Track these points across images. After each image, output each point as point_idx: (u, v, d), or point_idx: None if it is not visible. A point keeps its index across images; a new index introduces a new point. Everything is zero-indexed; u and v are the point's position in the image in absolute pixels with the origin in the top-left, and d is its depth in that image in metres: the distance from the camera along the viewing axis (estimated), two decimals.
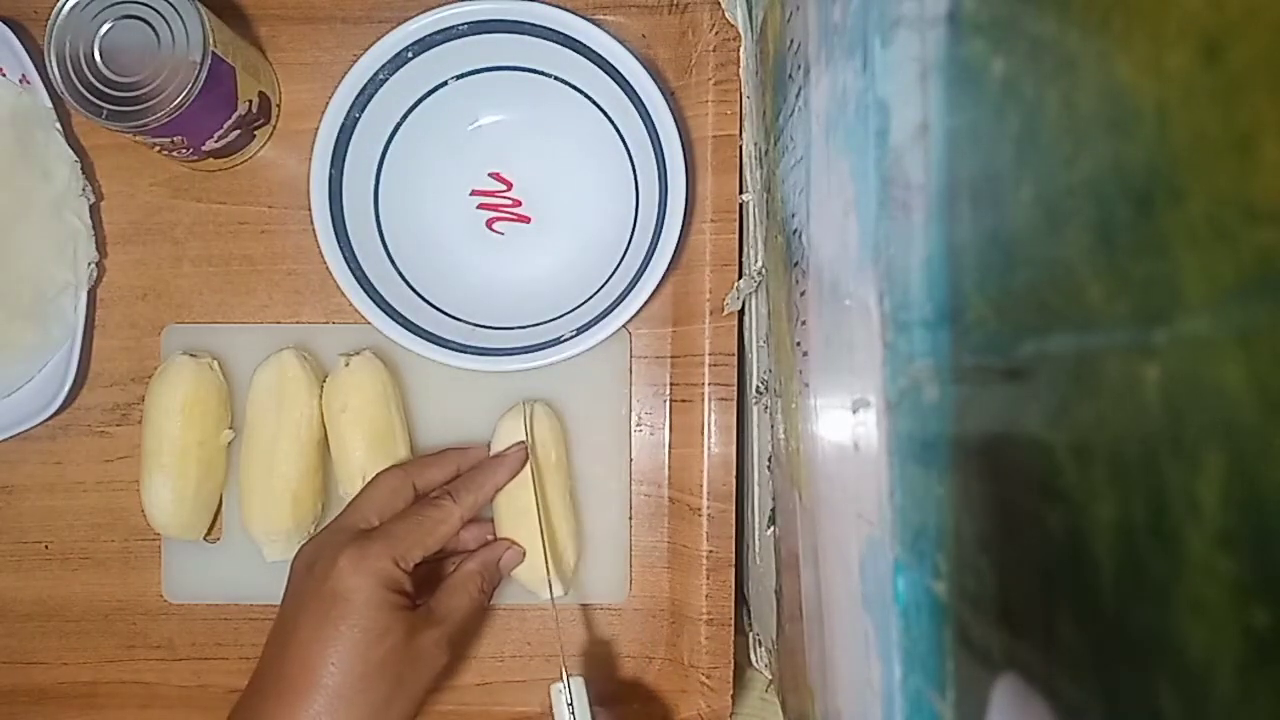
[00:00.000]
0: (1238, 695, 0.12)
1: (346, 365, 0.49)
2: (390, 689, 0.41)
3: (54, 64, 0.45)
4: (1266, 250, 0.11)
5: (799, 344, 0.37)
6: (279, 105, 0.53)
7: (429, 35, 0.47)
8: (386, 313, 0.48)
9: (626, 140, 0.50)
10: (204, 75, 0.44)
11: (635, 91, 0.46)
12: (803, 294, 0.36)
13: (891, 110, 0.24)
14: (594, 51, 0.46)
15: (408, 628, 0.42)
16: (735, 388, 0.51)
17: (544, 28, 0.46)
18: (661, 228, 0.47)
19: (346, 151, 0.48)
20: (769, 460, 0.48)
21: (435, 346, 0.48)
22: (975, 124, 0.19)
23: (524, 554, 0.49)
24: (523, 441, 0.49)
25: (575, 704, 0.46)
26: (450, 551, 0.50)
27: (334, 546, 0.43)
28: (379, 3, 0.52)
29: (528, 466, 0.48)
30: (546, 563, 0.48)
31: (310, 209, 0.47)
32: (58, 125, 0.50)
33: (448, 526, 0.45)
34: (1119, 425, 0.14)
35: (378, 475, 0.47)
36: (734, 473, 0.50)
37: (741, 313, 0.51)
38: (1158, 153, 0.13)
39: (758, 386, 0.50)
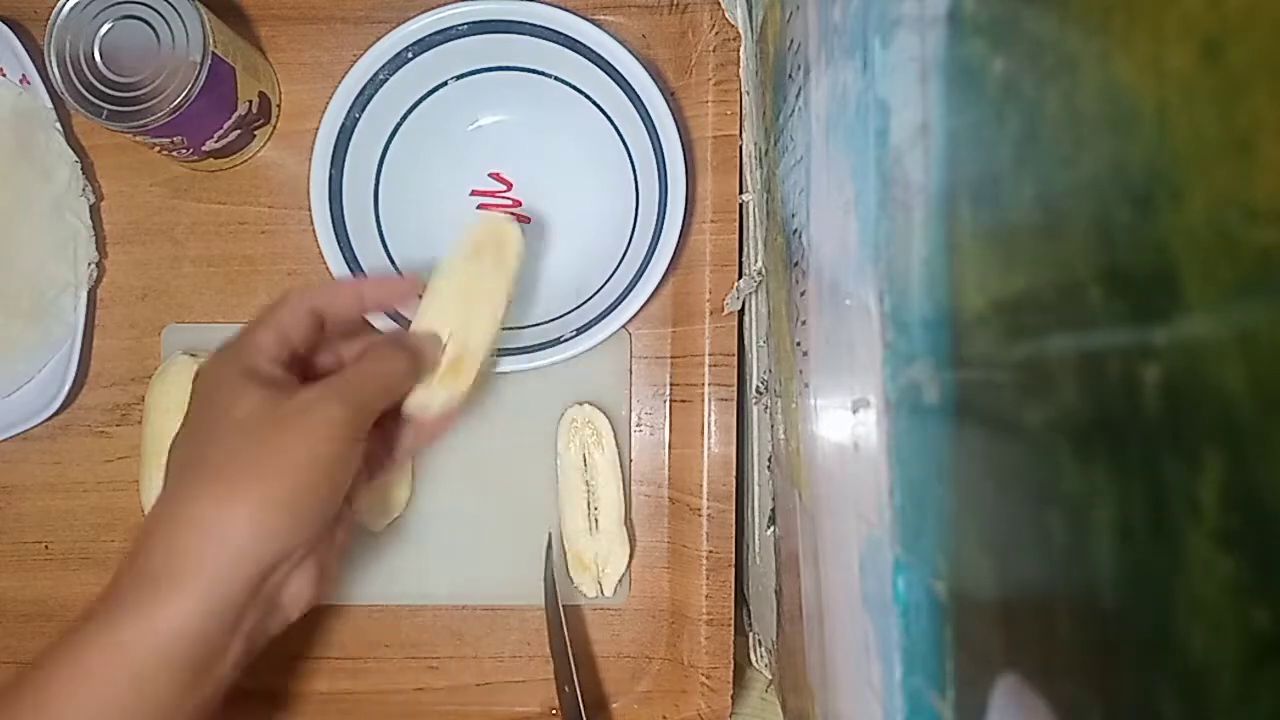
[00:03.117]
0: (1238, 695, 0.12)
1: None
2: (258, 449, 0.36)
3: (54, 64, 0.45)
4: (1266, 250, 0.11)
5: (799, 344, 0.37)
6: (279, 105, 0.53)
7: (429, 35, 0.47)
8: (386, 312, 0.48)
9: (626, 140, 0.50)
10: (204, 75, 0.45)
11: (635, 91, 0.46)
12: (803, 294, 0.36)
13: (891, 110, 0.24)
14: (594, 51, 0.46)
15: (275, 390, 0.38)
16: (735, 388, 0.51)
17: (544, 28, 0.46)
18: (661, 228, 0.47)
19: (346, 151, 0.48)
20: (769, 460, 0.48)
21: None
22: (975, 124, 0.19)
23: (442, 345, 0.44)
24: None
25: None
26: None
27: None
28: (379, 3, 0.52)
29: (580, 473, 0.50)
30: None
31: (310, 209, 0.47)
32: (58, 125, 0.50)
33: (288, 309, 0.41)
34: (1119, 425, 0.14)
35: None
36: (734, 473, 0.50)
37: (741, 313, 0.51)
38: (1158, 153, 0.13)
39: (758, 386, 0.50)
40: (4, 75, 0.50)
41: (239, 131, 0.50)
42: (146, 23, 0.45)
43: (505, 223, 0.45)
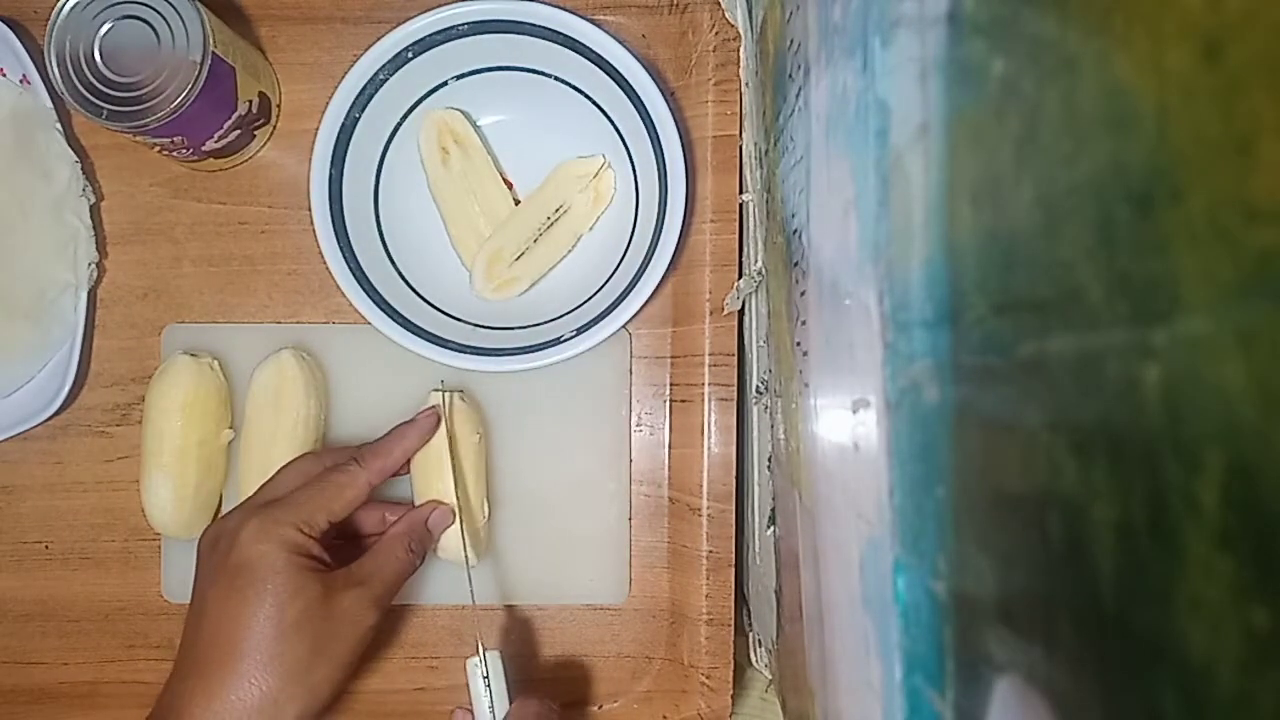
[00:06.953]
0: (1238, 695, 0.12)
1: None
2: (309, 650, 0.40)
3: (54, 64, 0.45)
4: (1266, 250, 0.11)
5: (799, 344, 0.37)
6: (279, 105, 0.53)
7: (429, 35, 0.47)
8: (386, 313, 0.48)
9: (626, 140, 0.50)
10: (204, 75, 0.44)
11: (635, 91, 0.46)
12: (803, 294, 0.36)
13: (891, 110, 0.24)
14: (594, 51, 0.46)
15: (323, 588, 0.41)
16: (735, 388, 0.51)
17: (544, 28, 0.46)
18: (661, 228, 0.47)
19: (346, 151, 0.48)
20: (769, 460, 0.48)
21: (435, 346, 0.48)
22: (975, 124, 0.19)
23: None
24: (435, 407, 0.48)
25: (491, 678, 0.45)
26: (373, 534, 0.48)
27: (237, 521, 0.42)
28: (379, 3, 0.52)
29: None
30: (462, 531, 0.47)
31: (310, 209, 0.47)
32: (58, 125, 0.50)
33: (354, 491, 0.44)
34: (1119, 425, 0.14)
35: (291, 460, 0.47)
36: (734, 473, 0.50)
37: (741, 313, 0.51)
38: (1158, 153, 0.13)
39: (758, 386, 0.50)
40: (4, 75, 0.50)
41: (239, 131, 0.50)
42: (146, 23, 0.45)
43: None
